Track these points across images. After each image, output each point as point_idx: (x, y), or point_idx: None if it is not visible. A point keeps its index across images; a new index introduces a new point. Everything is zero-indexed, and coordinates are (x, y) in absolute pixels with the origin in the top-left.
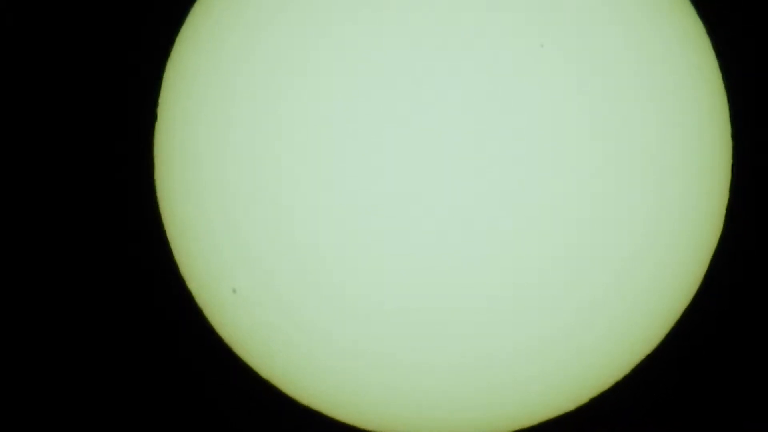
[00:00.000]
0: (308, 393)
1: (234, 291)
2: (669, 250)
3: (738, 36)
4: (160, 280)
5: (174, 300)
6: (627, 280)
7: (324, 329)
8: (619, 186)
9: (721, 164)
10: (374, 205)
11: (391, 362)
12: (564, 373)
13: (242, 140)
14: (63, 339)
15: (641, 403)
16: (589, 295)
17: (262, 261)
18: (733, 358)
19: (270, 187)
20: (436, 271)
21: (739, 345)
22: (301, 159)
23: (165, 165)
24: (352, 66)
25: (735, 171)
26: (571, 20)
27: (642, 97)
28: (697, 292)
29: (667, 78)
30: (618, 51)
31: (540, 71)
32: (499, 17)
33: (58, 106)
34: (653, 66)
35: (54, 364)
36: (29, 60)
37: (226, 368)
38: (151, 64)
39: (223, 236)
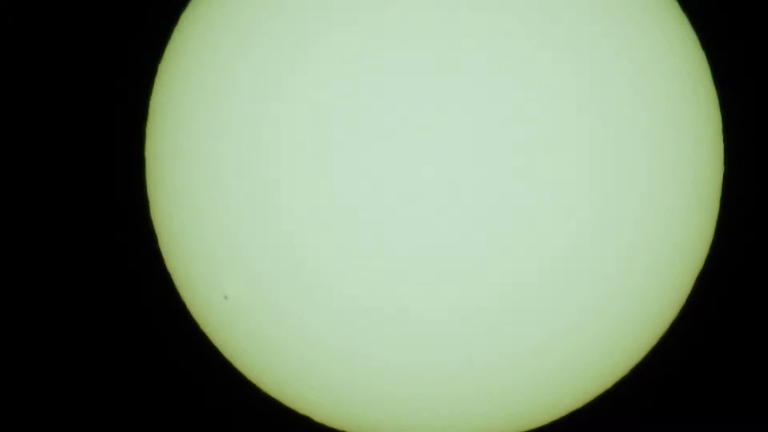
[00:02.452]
0: (301, 399)
1: (225, 297)
2: (663, 253)
3: (726, 36)
4: (151, 286)
5: (165, 306)
6: (620, 285)
7: (316, 335)
8: (612, 190)
9: (714, 167)
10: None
11: (384, 368)
12: (557, 378)
13: (235, 144)
14: (52, 346)
15: (635, 408)
16: (582, 301)
17: (253, 267)
18: (726, 361)
19: (263, 193)
20: (431, 277)
21: (734, 348)
22: (295, 164)
23: (157, 169)
24: (346, 70)
25: (727, 173)
26: (562, 25)
27: (635, 101)
28: (691, 295)
29: (659, 81)
30: (610, 56)
31: (533, 77)
32: (493, 23)
33: (50, 108)
34: (645, 70)
35: (44, 372)
36: (20, 58)
37: (218, 374)
38: (143, 66)
39: (214, 242)
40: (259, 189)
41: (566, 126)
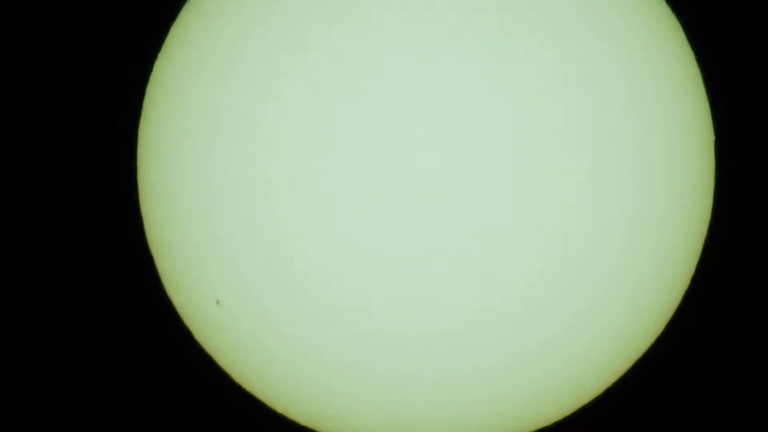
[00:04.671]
0: (292, 406)
1: (217, 303)
2: (654, 259)
3: (717, 38)
4: (142, 291)
5: (157, 312)
6: (611, 291)
7: (308, 342)
8: (604, 196)
9: (706, 173)
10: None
11: (375, 375)
12: (549, 384)
13: (227, 151)
14: (42, 350)
15: (627, 413)
16: (574, 307)
17: (245, 273)
18: (716, 368)
19: (254, 198)
20: (423, 284)
21: (726, 354)
22: (287, 170)
23: (148, 174)
24: (338, 75)
25: (719, 176)
26: (553, 28)
27: (627, 107)
28: (684, 300)
29: (650, 84)
30: (602, 61)
31: (523, 83)
32: (484, 26)
33: (42, 110)
34: (636, 73)
35: (34, 376)
36: (16, 57)
37: (210, 381)
38: (135, 74)
39: (206, 248)
40: (251, 194)
41: (557, 131)
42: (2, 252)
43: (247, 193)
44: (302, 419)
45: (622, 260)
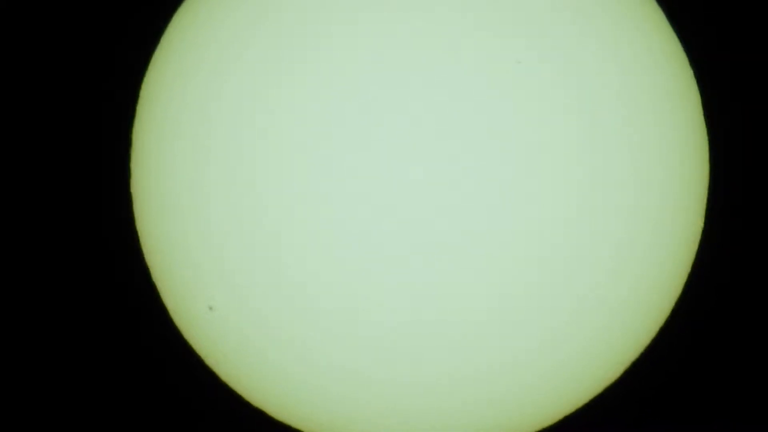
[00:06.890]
0: (286, 410)
1: (210, 308)
2: (651, 259)
3: (710, 40)
4: (136, 296)
5: (150, 317)
6: (609, 291)
7: (302, 346)
8: (601, 197)
9: (700, 175)
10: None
11: (369, 379)
12: (548, 384)
13: (220, 155)
14: (35, 354)
15: (626, 414)
16: (572, 307)
17: (239, 278)
18: (716, 368)
19: (248, 203)
20: (420, 286)
21: (725, 354)
22: (280, 175)
23: (141, 179)
24: (336, 76)
25: (713, 177)
26: (547, 34)
27: (622, 110)
28: (679, 301)
29: (645, 86)
30: (596, 65)
31: (517, 87)
32: (476, 35)
33: (37, 111)
34: (629, 76)
35: (27, 379)
36: (9, 56)
37: (203, 385)
38: (131, 74)
39: (199, 252)
40: (245, 199)
41: (554, 133)
42: None
43: (241, 197)
44: (296, 423)
45: (619, 260)
